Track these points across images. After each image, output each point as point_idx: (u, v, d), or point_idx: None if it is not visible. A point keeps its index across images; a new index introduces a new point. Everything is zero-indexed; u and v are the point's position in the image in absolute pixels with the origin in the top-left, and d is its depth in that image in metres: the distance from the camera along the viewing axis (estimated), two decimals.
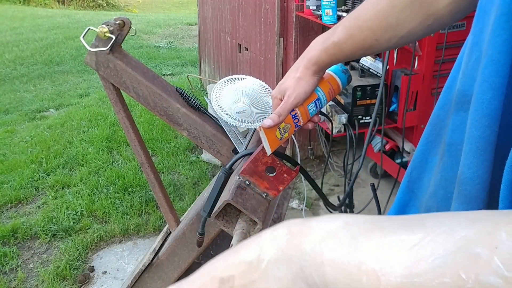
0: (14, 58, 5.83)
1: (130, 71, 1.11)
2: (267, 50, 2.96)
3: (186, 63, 5.74)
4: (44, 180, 2.87)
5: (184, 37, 7.34)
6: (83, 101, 4.34)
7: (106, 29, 1.04)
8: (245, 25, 3.30)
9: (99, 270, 2.13)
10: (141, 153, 1.21)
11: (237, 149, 1.14)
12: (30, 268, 2.15)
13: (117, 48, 1.10)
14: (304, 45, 2.67)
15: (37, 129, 3.68)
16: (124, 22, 1.08)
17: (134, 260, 2.18)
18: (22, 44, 6.53)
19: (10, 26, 7.92)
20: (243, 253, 0.34)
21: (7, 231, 2.35)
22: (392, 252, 0.26)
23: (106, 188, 2.76)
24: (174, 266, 1.32)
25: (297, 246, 0.31)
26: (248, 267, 0.33)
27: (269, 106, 1.15)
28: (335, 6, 2.10)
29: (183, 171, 2.94)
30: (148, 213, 2.53)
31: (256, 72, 3.16)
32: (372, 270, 0.26)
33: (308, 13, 2.37)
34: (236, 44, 3.53)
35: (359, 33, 0.68)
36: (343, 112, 2.20)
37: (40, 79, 5.18)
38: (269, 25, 2.85)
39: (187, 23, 8.28)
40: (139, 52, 6.18)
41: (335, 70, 0.82)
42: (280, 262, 0.31)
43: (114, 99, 1.18)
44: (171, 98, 1.13)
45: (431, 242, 0.25)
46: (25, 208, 2.61)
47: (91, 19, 8.72)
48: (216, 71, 4.18)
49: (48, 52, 6.13)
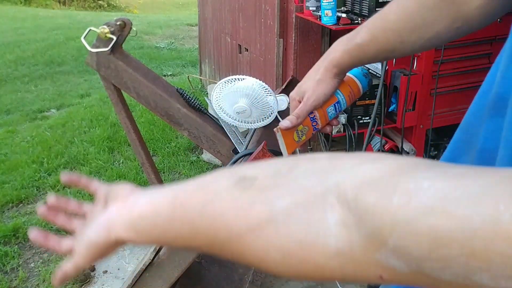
0: (16, 59, 5.84)
1: (131, 72, 1.12)
2: (267, 51, 2.97)
3: (186, 63, 5.74)
4: (45, 180, 2.88)
5: (185, 37, 7.35)
6: (84, 102, 4.35)
7: (107, 30, 1.05)
8: (245, 26, 3.31)
9: (100, 270, 2.14)
10: (142, 153, 1.22)
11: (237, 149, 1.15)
12: (31, 267, 2.16)
13: (118, 48, 1.11)
14: (304, 46, 2.67)
15: (38, 129, 3.69)
16: (125, 23, 1.09)
17: (135, 259, 2.19)
18: (23, 44, 6.54)
19: (12, 27, 7.93)
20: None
21: (8, 231, 2.36)
22: (434, 177, 0.26)
23: None
24: (174, 265, 1.33)
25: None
26: (274, 173, 0.34)
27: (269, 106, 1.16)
28: (335, 7, 2.11)
29: (184, 171, 2.95)
30: None
31: (256, 73, 3.17)
32: (406, 189, 0.26)
33: (308, 14, 2.38)
34: (236, 45, 3.54)
35: (383, 35, 0.66)
36: (342, 112, 2.21)
37: (41, 80, 5.19)
38: (269, 26, 2.86)
39: (187, 24, 8.28)
40: (140, 52, 6.19)
41: (356, 73, 0.80)
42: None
43: (115, 100, 1.19)
44: (171, 98, 1.14)
45: (473, 174, 0.25)
46: (26, 208, 2.62)
47: (92, 19, 8.73)
48: (216, 72, 4.19)
49: (49, 53, 6.14)
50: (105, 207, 0.48)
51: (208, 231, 0.35)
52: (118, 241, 0.45)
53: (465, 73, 2.21)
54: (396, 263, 0.26)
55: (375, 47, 0.67)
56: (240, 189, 0.34)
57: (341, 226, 0.28)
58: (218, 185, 0.36)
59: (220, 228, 0.34)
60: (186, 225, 0.37)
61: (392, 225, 0.25)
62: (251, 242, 0.32)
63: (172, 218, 0.38)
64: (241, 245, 0.33)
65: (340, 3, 2.24)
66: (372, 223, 0.26)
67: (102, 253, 0.47)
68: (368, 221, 0.26)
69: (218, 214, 0.34)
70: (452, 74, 2.19)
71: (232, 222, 0.33)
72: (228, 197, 0.34)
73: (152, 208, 0.41)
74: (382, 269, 0.27)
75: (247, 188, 0.33)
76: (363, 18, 2.14)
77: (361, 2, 2.16)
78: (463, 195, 0.24)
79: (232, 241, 0.33)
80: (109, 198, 0.48)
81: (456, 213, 0.23)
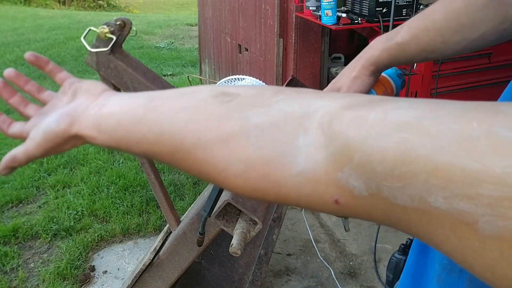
0: (15, 59, 5.83)
1: (131, 72, 1.12)
2: (267, 50, 2.96)
3: (186, 63, 5.74)
4: (45, 180, 2.88)
5: (185, 37, 7.34)
6: None
7: (107, 30, 1.05)
8: (245, 26, 3.31)
9: (100, 270, 2.13)
10: None
11: None
12: (31, 267, 2.16)
13: (118, 48, 1.11)
14: (304, 46, 2.67)
15: None
16: (125, 23, 1.09)
17: (135, 259, 2.19)
18: (23, 44, 6.54)
19: (11, 27, 7.93)
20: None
21: (8, 231, 2.35)
22: (415, 101, 0.26)
23: (106, 188, 2.77)
24: (174, 265, 1.33)
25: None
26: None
27: None
28: (335, 6, 2.11)
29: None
30: (148, 213, 2.54)
31: (256, 73, 3.16)
32: (385, 107, 0.26)
33: (308, 14, 2.38)
34: (236, 45, 3.54)
35: (425, 34, 0.65)
36: None
37: (41, 80, 5.19)
38: (269, 26, 2.86)
39: (187, 24, 8.28)
40: (140, 52, 6.19)
41: (390, 73, 0.79)
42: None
43: None
44: None
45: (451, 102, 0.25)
46: (26, 208, 2.62)
47: (92, 19, 8.73)
48: (216, 72, 4.19)
49: (49, 53, 6.14)
50: (73, 99, 0.45)
51: (176, 136, 0.34)
52: (77, 136, 0.42)
53: (465, 73, 2.21)
54: (355, 183, 0.26)
55: (416, 47, 0.66)
56: (219, 102, 0.33)
57: (311, 147, 0.28)
58: (197, 95, 0.35)
59: (188, 135, 0.33)
60: (154, 128, 0.36)
61: (362, 139, 0.25)
62: (217, 151, 0.32)
63: (141, 120, 0.37)
64: (205, 154, 0.33)
65: (340, 3, 2.24)
66: (342, 141, 0.26)
67: (57, 146, 0.44)
68: (338, 139, 0.26)
69: (190, 121, 0.34)
70: (452, 74, 2.18)
71: (202, 130, 0.33)
72: (204, 107, 0.34)
73: (123, 108, 0.39)
74: (340, 190, 0.27)
75: (226, 102, 0.33)
76: (363, 18, 2.14)
77: (361, 2, 2.16)
78: (439, 115, 0.24)
79: (197, 149, 0.33)
80: (78, 91, 0.46)
81: (430, 130, 0.23)
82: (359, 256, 2.21)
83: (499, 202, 0.20)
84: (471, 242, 0.21)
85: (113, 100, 0.42)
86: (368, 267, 2.14)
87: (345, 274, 2.11)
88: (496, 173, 0.20)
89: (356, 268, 2.14)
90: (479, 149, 0.21)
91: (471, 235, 0.21)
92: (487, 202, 0.20)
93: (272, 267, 2.13)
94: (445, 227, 0.22)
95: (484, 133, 0.21)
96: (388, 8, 2.02)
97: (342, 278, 2.08)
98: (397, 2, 2.00)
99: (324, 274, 2.11)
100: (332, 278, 2.06)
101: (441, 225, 0.23)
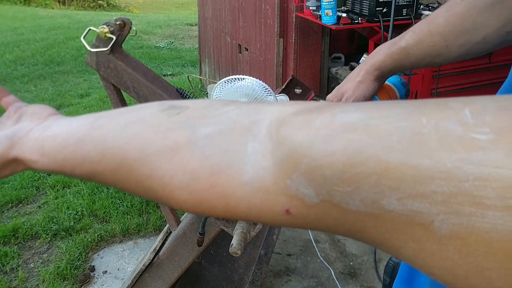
0: (15, 59, 5.83)
1: (131, 72, 1.12)
2: (267, 50, 2.96)
3: (186, 63, 5.74)
4: (44, 180, 2.88)
5: (185, 37, 7.34)
6: (83, 101, 4.35)
7: (107, 30, 1.05)
8: (245, 26, 3.30)
9: (100, 270, 2.13)
10: None
11: None
12: (31, 267, 2.16)
13: (118, 48, 1.11)
14: (304, 46, 2.67)
15: None
16: (125, 23, 1.08)
17: (135, 259, 2.19)
18: (22, 44, 6.53)
19: (11, 27, 7.93)
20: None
21: (8, 231, 2.35)
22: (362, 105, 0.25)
23: (106, 188, 2.76)
24: (174, 265, 1.33)
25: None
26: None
27: None
28: (335, 6, 2.11)
29: None
30: (148, 213, 2.54)
31: (256, 73, 3.16)
32: (332, 112, 0.25)
33: (308, 13, 2.38)
34: (236, 45, 3.54)
35: (429, 39, 0.65)
36: None
37: (41, 79, 5.19)
38: (269, 26, 2.86)
39: (187, 24, 8.28)
40: (140, 52, 6.19)
41: (394, 81, 0.80)
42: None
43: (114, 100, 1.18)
44: (171, 98, 1.13)
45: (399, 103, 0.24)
46: (26, 208, 2.62)
47: (92, 19, 8.73)
48: (216, 72, 4.19)
49: (49, 53, 6.14)
50: (17, 123, 0.43)
51: (119, 151, 0.32)
52: (17, 160, 0.40)
53: (466, 73, 2.21)
54: (305, 190, 0.24)
55: (420, 51, 0.67)
56: (167, 114, 0.32)
57: (259, 153, 0.27)
58: (146, 110, 0.34)
59: (131, 150, 0.32)
60: (98, 146, 0.34)
61: (309, 144, 0.24)
62: (161, 163, 0.30)
63: (85, 138, 0.35)
64: (149, 167, 0.31)
65: (340, 2, 2.24)
66: (289, 146, 0.25)
67: None
68: (285, 145, 0.25)
69: (135, 135, 0.32)
70: (452, 74, 2.18)
71: (146, 143, 0.31)
72: (151, 121, 0.32)
73: (69, 129, 0.37)
74: (290, 199, 0.25)
75: (174, 114, 0.32)
76: (363, 18, 2.14)
77: (362, 1, 2.16)
78: (387, 115, 0.23)
79: (141, 162, 0.31)
80: (24, 115, 0.44)
81: (378, 129, 0.22)
82: (359, 256, 2.21)
83: (453, 198, 0.19)
84: (429, 245, 0.21)
85: (60, 122, 0.40)
86: (368, 267, 2.14)
87: (345, 274, 2.11)
88: (447, 167, 0.19)
89: (356, 268, 2.14)
90: (429, 145, 0.20)
91: (428, 237, 0.20)
92: (441, 200, 0.19)
93: (272, 267, 2.13)
94: (401, 231, 0.21)
95: (433, 128, 0.21)
96: (388, 8, 2.02)
97: (342, 278, 2.08)
98: (397, 2, 2.00)
99: (324, 274, 2.10)
100: (332, 278, 2.06)
101: (398, 230, 0.21)
